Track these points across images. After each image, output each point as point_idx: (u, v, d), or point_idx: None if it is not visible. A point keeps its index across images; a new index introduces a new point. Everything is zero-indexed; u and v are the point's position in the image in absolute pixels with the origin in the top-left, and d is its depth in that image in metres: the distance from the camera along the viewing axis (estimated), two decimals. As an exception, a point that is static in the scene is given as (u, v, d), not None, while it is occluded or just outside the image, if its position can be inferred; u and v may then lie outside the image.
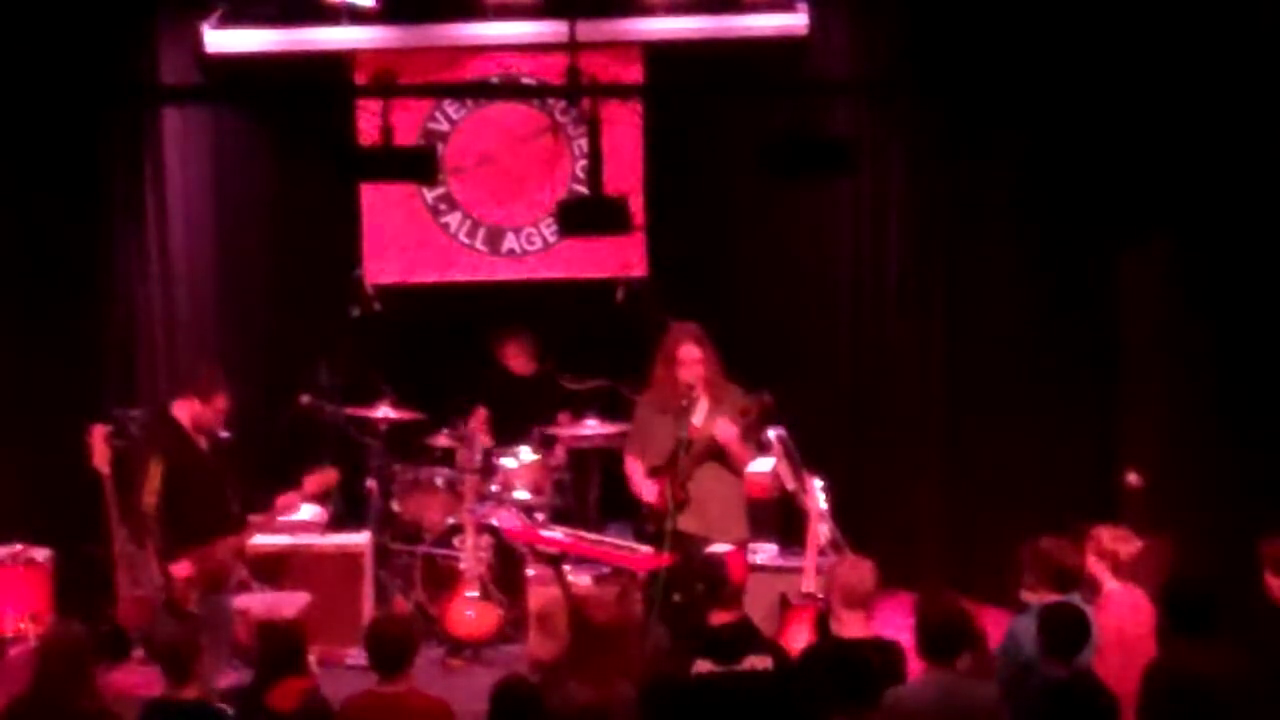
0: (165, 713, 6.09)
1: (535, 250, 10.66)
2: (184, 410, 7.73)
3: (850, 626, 6.50)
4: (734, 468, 8.13)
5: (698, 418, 8.02)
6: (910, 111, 9.98)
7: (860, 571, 6.62)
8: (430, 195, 10.61)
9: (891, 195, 10.08)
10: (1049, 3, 9.11)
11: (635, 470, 8.25)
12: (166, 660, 6.12)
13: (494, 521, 9.18)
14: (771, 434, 8.64)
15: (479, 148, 10.59)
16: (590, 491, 9.93)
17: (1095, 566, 6.85)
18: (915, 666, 6.31)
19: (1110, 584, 6.83)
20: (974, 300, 9.89)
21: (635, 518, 8.74)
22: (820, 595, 7.74)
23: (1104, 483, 9.09)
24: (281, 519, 8.47)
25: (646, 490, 8.12)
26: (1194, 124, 8.46)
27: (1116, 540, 6.90)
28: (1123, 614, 6.71)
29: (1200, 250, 8.67)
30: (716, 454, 8.02)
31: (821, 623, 7.11)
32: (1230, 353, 8.51)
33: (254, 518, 7.95)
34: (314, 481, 8.27)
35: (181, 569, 7.49)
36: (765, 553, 8.91)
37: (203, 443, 7.77)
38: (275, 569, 8.93)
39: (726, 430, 7.95)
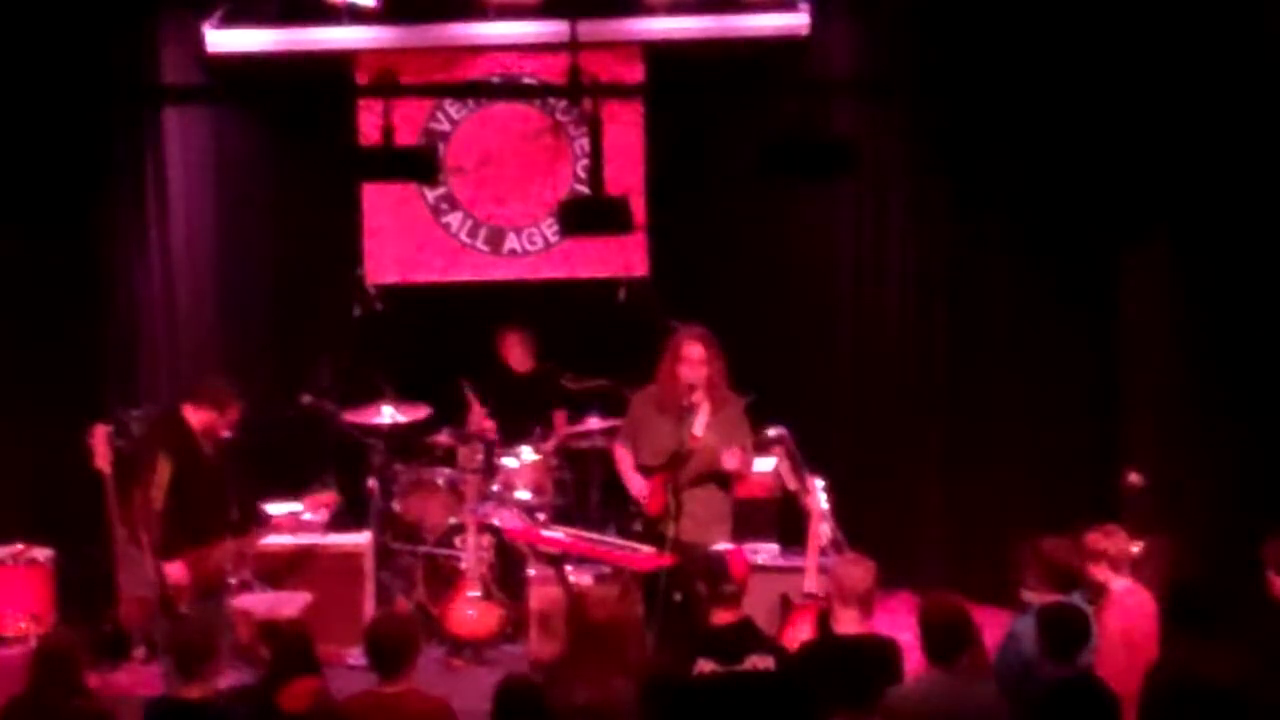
0: (169, 712, 6.09)
1: (536, 250, 10.67)
2: (196, 415, 7.72)
3: (845, 623, 6.52)
4: (728, 484, 8.13)
5: (699, 426, 7.99)
6: (910, 111, 9.98)
7: (855, 569, 6.63)
8: (431, 195, 10.61)
9: (891, 195, 10.09)
10: (1049, 2, 9.12)
11: (625, 461, 8.25)
12: (178, 657, 6.12)
13: (495, 521, 9.18)
14: (773, 434, 8.65)
15: (480, 148, 10.59)
16: (591, 491, 9.93)
17: (1096, 567, 6.85)
18: (913, 664, 6.32)
19: (1116, 584, 6.83)
20: (974, 300, 9.89)
21: (624, 519, 8.76)
22: (822, 595, 7.75)
23: (1104, 482, 9.10)
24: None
25: (635, 484, 8.12)
26: (1194, 123, 8.47)
27: (1117, 540, 6.90)
28: (1128, 613, 6.71)
29: (1201, 249, 8.68)
30: (716, 475, 8.01)
31: (823, 622, 7.12)
32: (1231, 352, 8.52)
33: (251, 531, 7.94)
34: (313, 502, 8.27)
35: (176, 569, 7.48)
36: (766, 553, 8.90)
37: (208, 446, 7.77)
38: (277, 569, 8.93)
39: (733, 460, 7.95)
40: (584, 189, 10.08)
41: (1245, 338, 8.47)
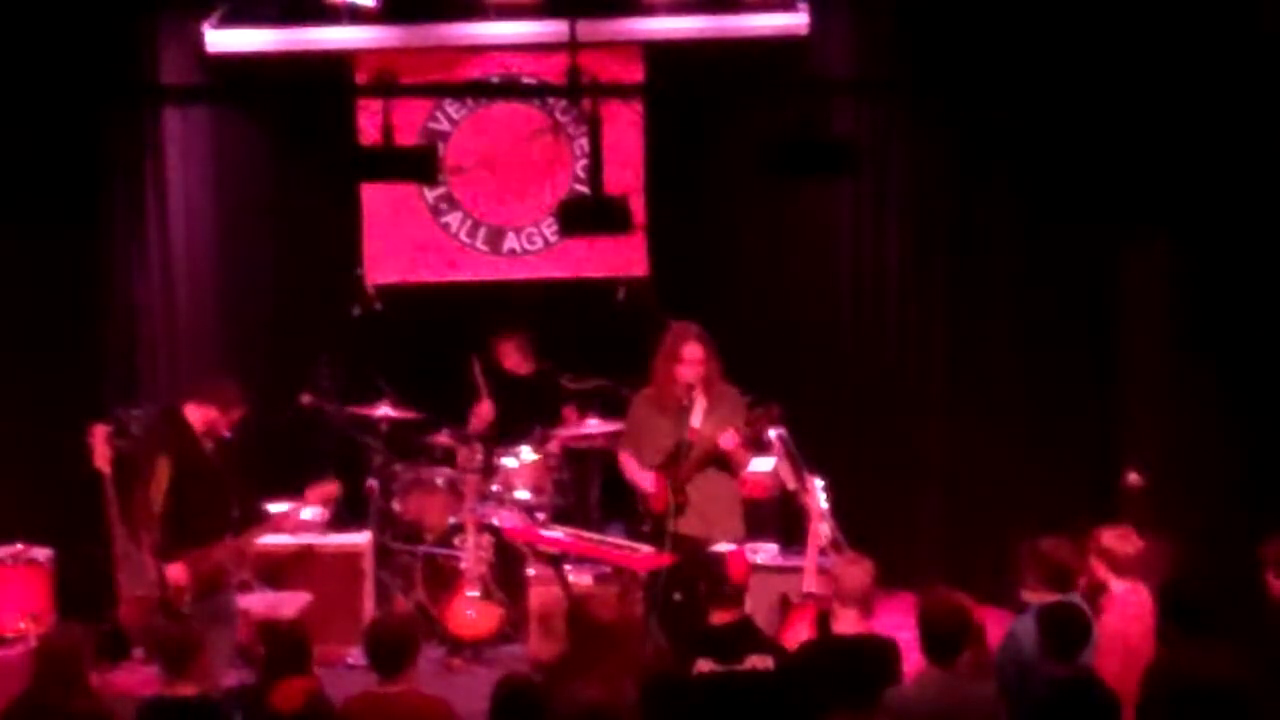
0: (161, 709, 6.09)
1: (536, 250, 10.67)
2: (197, 414, 7.71)
3: (845, 623, 6.52)
4: (731, 469, 8.14)
5: (696, 419, 8.00)
6: (910, 111, 9.98)
7: (854, 569, 6.63)
8: (431, 195, 10.61)
9: (891, 195, 10.08)
10: (1049, 2, 9.12)
11: (630, 465, 8.25)
12: (165, 654, 6.12)
13: (495, 521, 9.18)
14: (772, 434, 8.64)
15: (480, 147, 10.60)
16: (591, 491, 9.93)
17: (1098, 567, 6.84)
18: (913, 664, 6.32)
19: (1116, 584, 6.83)
20: (974, 300, 9.89)
21: (632, 520, 8.75)
22: (821, 595, 7.75)
23: (1104, 483, 9.09)
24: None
25: (645, 480, 8.11)
26: (1195, 124, 8.47)
27: (1118, 540, 6.90)
28: (1127, 614, 6.70)
29: (1201, 250, 8.68)
30: (717, 459, 8.02)
31: (822, 622, 7.12)
32: (1231, 352, 8.52)
33: (252, 529, 7.94)
34: (316, 494, 8.27)
35: (177, 570, 7.48)
36: (766, 553, 8.90)
37: (209, 445, 7.76)
38: (276, 569, 8.93)
39: (731, 440, 7.96)
40: (583, 189, 10.08)
41: (1245, 337, 8.47)
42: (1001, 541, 8.25)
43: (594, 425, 9.74)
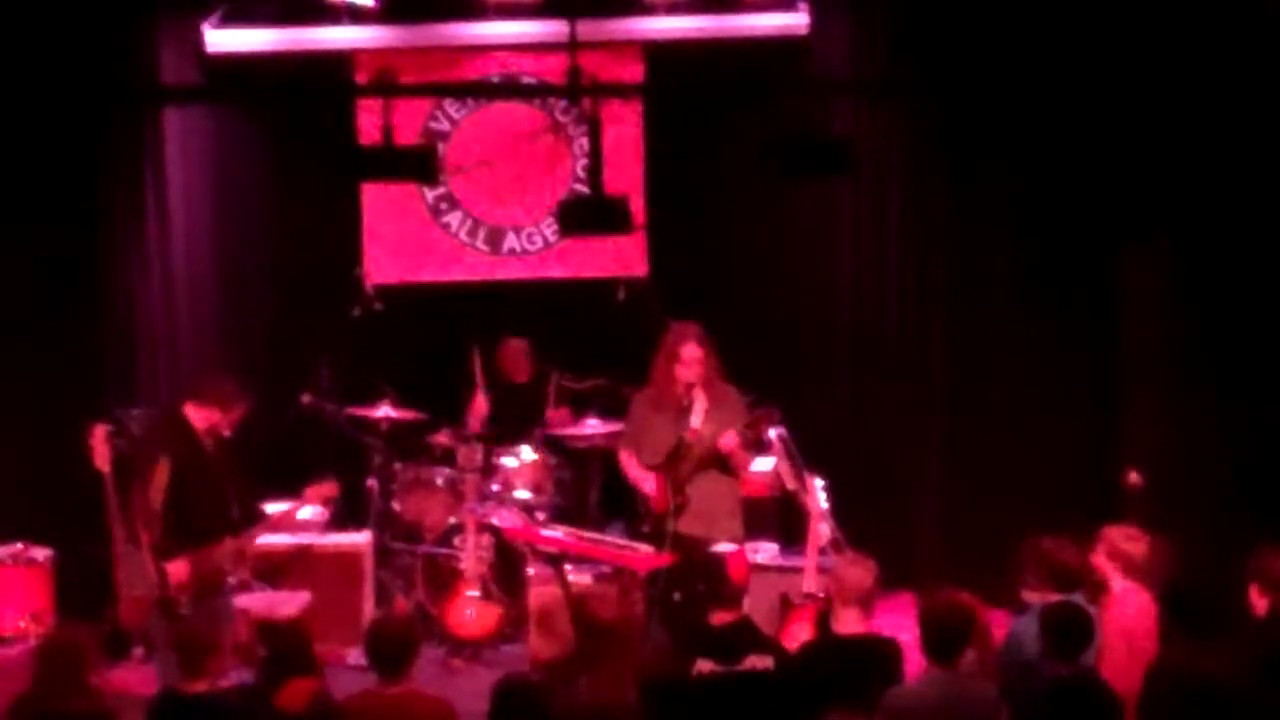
0: (172, 706, 6.10)
1: (536, 250, 10.67)
2: (198, 414, 7.71)
3: (845, 623, 6.52)
4: (732, 470, 8.14)
5: (696, 419, 8.00)
6: (910, 111, 9.99)
7: (856, 568, 6.63)
8: (431, 195, 10.61)
9: (891, 195, 10.08)
10: (1049, 3, 9.12)
11: (630, 464, 8.26)
12: (181, 652, 6.12)
13: (495, 521, 9.18)
14: (772, 433, 8.64)
15: (480, 147, 10.59)
16: (591, 491, 9.93)
17: (1106, 567, 6.83)
18: (914, 664, 6.32)
19: (1118, 584, 6.82)
20: (974, 300, 9.89)
21: (633, 520, 8.75)
22: (821, 595, 7.76)
23: (1104, 482, 9.09)
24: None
25: (645, 481, 8.11)
26: (1195, 124, 8.49)
27: (1128, 540, 6.88)
28: (1130, 614, 6.70)
29: (1201, 250, 8.69)
30: (717, 459, 8.02)
31: (822, 622, 7.13)
32: (1231, 352, 8.53)
33: (252, 529, 7.93)
34: (315, 493, 8.27)
35: (177, 570, 7.48)
36: (766, 552, 8.91)
37: (210, 445, 7.77)
38: (276, 569, 8.93)
39: (730, 441, 7.96)
40: (583, 189, 10.08)
41: (1245, 337, 8.48)
42: (1001, 541, 8.26)
43: (593, 425, 9.74)
